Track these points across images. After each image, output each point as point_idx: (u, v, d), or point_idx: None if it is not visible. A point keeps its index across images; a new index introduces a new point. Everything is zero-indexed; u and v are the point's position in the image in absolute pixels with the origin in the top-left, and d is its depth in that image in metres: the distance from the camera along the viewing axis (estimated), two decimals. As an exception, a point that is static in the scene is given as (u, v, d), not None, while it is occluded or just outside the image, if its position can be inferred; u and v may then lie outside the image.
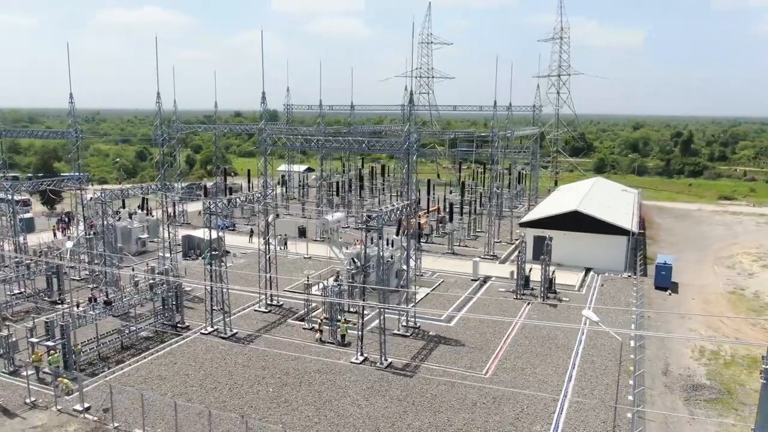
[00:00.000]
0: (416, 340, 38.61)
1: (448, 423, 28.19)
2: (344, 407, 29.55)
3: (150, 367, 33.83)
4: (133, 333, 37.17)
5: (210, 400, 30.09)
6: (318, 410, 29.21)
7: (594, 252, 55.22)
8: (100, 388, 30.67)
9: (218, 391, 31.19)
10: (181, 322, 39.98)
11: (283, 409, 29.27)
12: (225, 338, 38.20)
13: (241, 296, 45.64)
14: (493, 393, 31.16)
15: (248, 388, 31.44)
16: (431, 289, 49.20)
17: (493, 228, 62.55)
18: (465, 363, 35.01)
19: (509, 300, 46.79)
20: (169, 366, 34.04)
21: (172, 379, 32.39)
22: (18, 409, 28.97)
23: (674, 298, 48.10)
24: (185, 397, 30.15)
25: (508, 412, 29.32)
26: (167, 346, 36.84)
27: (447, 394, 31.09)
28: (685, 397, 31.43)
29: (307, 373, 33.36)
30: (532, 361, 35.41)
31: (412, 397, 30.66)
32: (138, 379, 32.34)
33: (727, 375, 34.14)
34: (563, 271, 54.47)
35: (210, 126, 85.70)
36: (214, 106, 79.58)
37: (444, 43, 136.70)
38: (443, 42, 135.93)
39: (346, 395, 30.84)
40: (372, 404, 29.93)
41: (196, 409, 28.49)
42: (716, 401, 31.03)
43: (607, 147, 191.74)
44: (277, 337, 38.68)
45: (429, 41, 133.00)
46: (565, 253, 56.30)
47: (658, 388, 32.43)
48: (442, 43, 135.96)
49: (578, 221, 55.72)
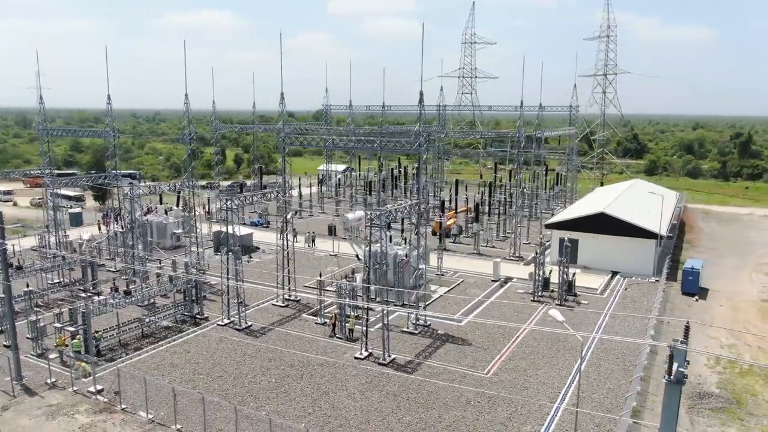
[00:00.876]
0: (424, 338, 38.99)
1: (438, 419, 28.53)
2: (340, 400, 30.33)
3: (164, 355, 35.60)
4: (153, 322, 39.07)
5: (214, 387, 31.48)
6: (314, 402, 30.11)
7: (621, 255, 53.97)
8: (115, 373, 32.53)
9: (223, 379, 32.57)
10: (200, 314, 41.72)
11: (281, 399, 30.32)
12: (239, 330, 39.68)
13: (262, 291, 47.10)
14: (490, 393, 31.26)
15: (252, 378, 32.67)
16: (448, 289, 49.37)
17: (519, 229, 61.89)
18: (468, 362, 35.18)
19: (526, 302, 46.46)
20: (182, 354, 35.72)
21: (183, 367, 34.01)
22: (39, 388, 31.16)
23: (700, 305, 46.53)
24: (191, 384, 31.66)
25: (501, 412, 29.38)
26: (184, 336, 38.61)
27: (443, 391, 31.40)
28: (690, 405, 30.59)
29: (311, 365, 34.34)
30: (536, 362, 35.21)
31: (407, 393, 31.14)
32: (152, 366, 34.12)
33: (741, 384, 32.98)
34: (589, 274, 53.59)
35: (246, 126, 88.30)
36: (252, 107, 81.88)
37: (488, 43, 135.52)
38: (487, 42, 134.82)
39: (344, 389, 31.61)
40: (367, 398, 30.59)
41: (198, 395, 29.88)
42: (722, 410, 30.09)
43: (662, 148, 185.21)
44: (289, 331, 39.85)
45: (472, 41, 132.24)
46: (592, 256, 55.35)
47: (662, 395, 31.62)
48: (486, 43, 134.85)
49: (604, 223, 54.57)
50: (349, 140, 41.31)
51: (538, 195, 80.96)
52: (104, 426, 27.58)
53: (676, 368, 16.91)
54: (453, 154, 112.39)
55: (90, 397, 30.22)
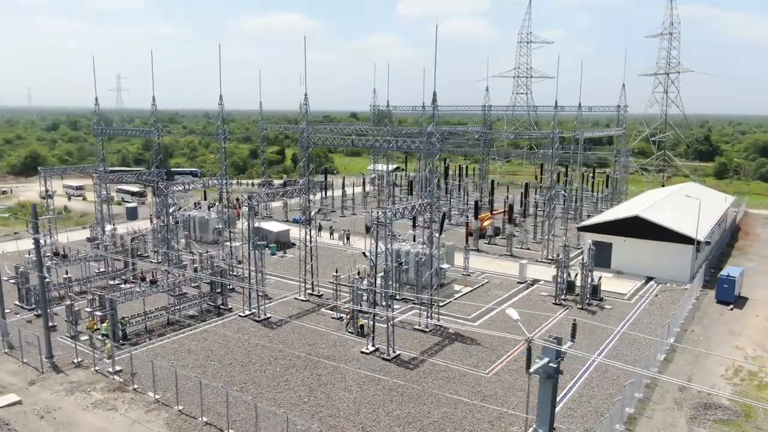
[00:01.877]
0: (434, 336, 39.39)
1: (427, 415, 29.02)
2: (336, 392, 31.34)
3: (184, 342, 37.79)
4: (178, 311, 41.45)
5: (221, 374, 33.25)
6: (311, 392, 31.27)
7: (656, 260, 52.18)
8: (137, 356, 34.88)
9: (232, 366, 34.30)
10: (224, 305, 43.83)
11: (281, 388, 31.66)
12: (257, 321, 41.46)
13: (289, 285, 48.95)
14: (485, 392, 31.42)
15: (258, 367, 34.23)
16: (471, 289, 49.40)
17: (552, 231, 60.78)
18: (472, 361, 35.36)
19: (547, 304, 45.89)
20: (200, 342, 37.79)
21: (198, 353, 36.03)
22: (65, 366, 33.93)
23: (734, 314, 44.41)
24: (202, 370, 33.56)
25: (491, 411, 29.50)
26: (206, 325, 40.77)
27: (439, 388, 31.80)
28: (692, 415, 29.60)
29: (317, 358, 35.53)
30: (541, 365, 34.88)
31: (403, 389, 31.75)
32: (170, 351, 36.36)
33: (754, 397, 31.50)
34: (621, 279, 52.23)
35: (289, 126, 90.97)
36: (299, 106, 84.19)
37: (544, 42, 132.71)
38: (543, 41, 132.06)
39: (343, 381, 32.60)
40: (363, 391, 31.44)
41: (202, 380, 31.71)
42: (727, 423, 28.93)
43: (736, 150, 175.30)
44: (306, 324, 41.25)
45: (528, 40, 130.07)
46: (626, 260, 53.85)
47: (667, 402, 30.78)
48: (543, 42, 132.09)
49: (639, 227, 52.91)
50: (367, 140, 42.23)
51: (584, 197, 78.98)
52: (114, 403, 29.80)
53: (541, 363, 16.87)
54: (501, 154, 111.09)
55: (108, 377, 32.65)
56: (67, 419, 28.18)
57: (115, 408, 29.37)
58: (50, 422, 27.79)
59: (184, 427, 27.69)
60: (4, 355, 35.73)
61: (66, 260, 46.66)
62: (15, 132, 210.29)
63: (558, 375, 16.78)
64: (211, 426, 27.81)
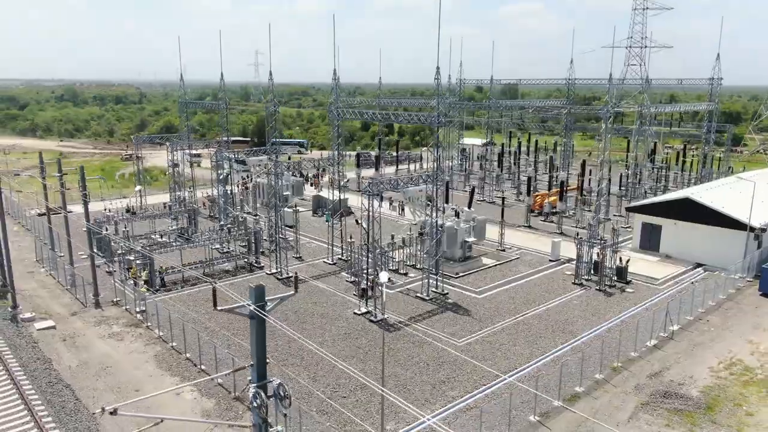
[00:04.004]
0: (432, 304, 40.85)
1: (375, 371, 31.09)
2: (307, 345, 34.33)
3: (205, 293, 42.79)
4: (213, 265, 46.68)
5: (222, 321, 37.65)
6: (289, 342, 34.58)
7: (706, 246, 48.56)
8: (165, 300, 40.45)
9: (233, 315, 38.53)
10: (257, 262, 48.45)
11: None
12: (279, 279, 45.55)
13: (326, 249, 52.32)
14: (447, 358, 32.70)
15: (256, 318, 38.17)
16: (497, 263, 49.63)
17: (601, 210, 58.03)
18: (453, 330, 36.54)
19: (567, 283, 45.08)
20: (220, 293, 42.51)
21: (211, 302, 40.70)
22: (105, 304, 40.34)
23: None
24: (209, 315, 38.23)
25: (440, 375, 30.89)
26: (235, 279, 45.63)
27: (405, 350, 33.64)
28: (646, 401, 28.75)
29: (311, 315, 38.78)
30: (519, 340, 35.25)
31: (370, 347, 34.02)
32: (195, 298, 41.58)
33: (733, 392, 29.66)
34: (666, 263, 49.50)
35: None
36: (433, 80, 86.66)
37: (663, 8, 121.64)
38: (662, 7, 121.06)
39: (321, 336, 35.58)
40: (335, 346, 34.19)
41: (205, 326, 36.35)
42: (680, 412, 27.83)
43: None
44: (321, 284, 44.59)
45: (644, 6, 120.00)
46: (675, 244, 50.70)
47: (626, 387, 30.05)
48: (661, 8, 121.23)
49: (690, 209, 49.36)
50: (380, 114, 44.01)
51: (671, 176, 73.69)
52: (125, 335, 35.37)
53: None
54: (575, 129, 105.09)
55: (132, 315, 38.46)
56: (83, 344, 34.13)
57: (123, 339, 34.90)
58: (68, 345, 33.87)
59: (167, 359, 32.41)
60: (66, 291, 43.14)
61: (134, 216, 54.05)
62: (164, 104, 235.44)
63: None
64: (189, 361, 32.23)
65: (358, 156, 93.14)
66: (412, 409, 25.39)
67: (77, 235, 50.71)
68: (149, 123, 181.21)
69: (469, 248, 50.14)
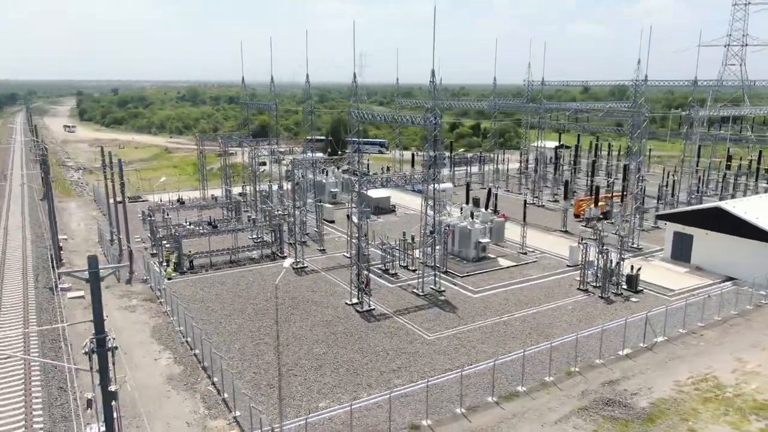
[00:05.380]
0: (423, 300, 42.15)
1: (336, 356, 33.26)
2: (289, 328, 37.16)
3: (224, 277, 46.96)
4: (238, 252, 50.92)
5: (226, 301, 41.46)
6: (272, 325, 37.55)
7: (738, 259, 45.50)
8: (190, 281, 45.05)
9: (238, 297, 42.31)
10: (280, 252, 52.10)
11: (257, 318, 38.64)
12: (294, 269, 48.81)
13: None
14: (408, 350, 34.14)
15: (254, 301, 41.62)
16: (511, 265, 49.64)
17: (635, 218, 55.63)
18: (430, 326, 37.75)
19: (572, 288, 44.41)
20: (237, 278, 46.55)
21: (226, 284, 44.84)
22: (135, 281, 45.72)
23: (788, 328, 37.66)
24: (219, 297, 42.24)
25: (394, 365, 32.42)
26: (256, 266, 49.54)
27: (373, 339, 35.47)
28: (585, 406, 28.55)
29: (305, 302, 41.59)
30: (490, 339, 35.79)
31: (347, 335, 36.18)
32: (214, 280, 45.89)
33: (686, 407, 28.58)
34: (696, 275, 47.07)
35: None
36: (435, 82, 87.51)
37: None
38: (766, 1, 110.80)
39: (304, 321, 38.26)
40: (311, 332, 36.73)
41: (207, 306, 40.39)
42: (616, 421, 27.43)
43: None
44: (330, 276, 47.31)
45: (746, 2, 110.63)
46: (707, 256, 48.00)
47: (572, 391, 29.90)
48: (764, 2, 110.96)
49: (721, 220, 46.46)
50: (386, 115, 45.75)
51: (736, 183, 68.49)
52: (138, 308, 40.20)
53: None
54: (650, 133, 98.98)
55: (152, 291, 43.38)
56: (100, 312, 39.23)
57: (135, 311, 39.74)
58: (85, 312, 39.14)
59: (162, 330, 36.66)
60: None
61: (183, 206, 59.90)
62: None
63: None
64: (181, 334, 36.19)
65: (413, 156, 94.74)
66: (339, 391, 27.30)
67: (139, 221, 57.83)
68: (251, 122, 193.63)
69: (484, 249, 50.58)
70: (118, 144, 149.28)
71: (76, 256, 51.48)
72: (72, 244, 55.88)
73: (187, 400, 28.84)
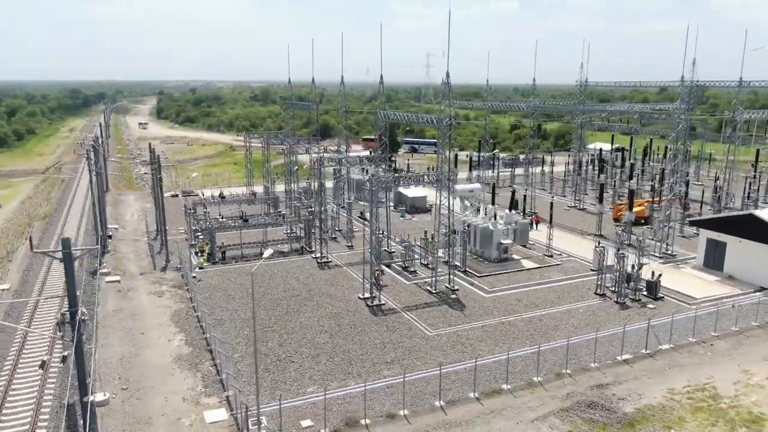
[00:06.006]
0: (434, 297, 42.90)
1: (335, 346, 34.70)
2: (298, 318, 38.97)
3: (259, 268, 49.29)
4: (267, 245, 53.31)
5: (246, 286, 43.79)
6: (287, 313, 39.48)
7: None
8: (218, 270, 47.90)
9: (262, 287, 44.54)
10: (309, 246, 54.16)
11: (271, 306, 40.73)
12: (319, 263, 50.69)
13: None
14: (406, 344, 35.12)
15: (273, 291, 43.73)
16: (534, 267, 49.43)
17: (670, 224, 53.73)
18: (434, 323, 38.52)
19: (589, 292, 43.84)
20: (264, 269, 48.87)
21: (249, 276, 47.25)
22: (170, 269, 48.99)
23: (810, 342, 35.75)
24: (239, 284, 44.72)
25: (388, 357, 33.51)
26: (284, 259, 51.82)
27: (374, 332, 36.69)
28: (568, 407, 28.59)
29: (321, 295, 43.29)
30: (489, 338, 36.19)
31: (347, 326, 37.58)
32: (237, 270, 48.48)
33: (674, 416, 28.08)
34: (727, 284, 45.36)
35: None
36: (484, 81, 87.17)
37: None
38: None
39: (314, 312, 39.96)
40: (317, 322, 38.37)
41: (231, 294, 42.91)
42: (594, 423, 27.38)
43: None
44: (350, 271, 48.82)
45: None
46: (740, 264, 46.10)
47: (557, 392, 29.95)
48: None
49: (754, 227, 44.41)
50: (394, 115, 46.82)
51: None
52: (166, 294, 43.23)
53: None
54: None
55: (184, 279, 46.42)
56: (130, 296, 42.59)
57: (162, 296, 42.78)
58: (120, 295, 42.51)
59: (181, 314, 39.39)
60: (149, 256, 52.84)
61: (224, 200, 63.25)
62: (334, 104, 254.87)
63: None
64: (197, 319, 38.75)
65: (455, 156, 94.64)
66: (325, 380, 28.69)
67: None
68: (313, 121, 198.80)
69: (506, 250, 50.60)
70: (186, 141, 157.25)
71: (122, 244, 55.64)
72: (122, 233, 60.29)
73: (188, 379, 31.12)
